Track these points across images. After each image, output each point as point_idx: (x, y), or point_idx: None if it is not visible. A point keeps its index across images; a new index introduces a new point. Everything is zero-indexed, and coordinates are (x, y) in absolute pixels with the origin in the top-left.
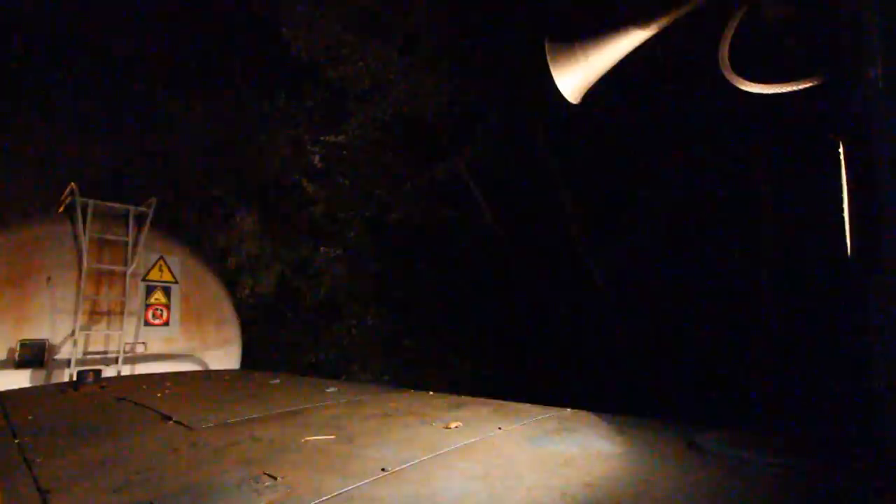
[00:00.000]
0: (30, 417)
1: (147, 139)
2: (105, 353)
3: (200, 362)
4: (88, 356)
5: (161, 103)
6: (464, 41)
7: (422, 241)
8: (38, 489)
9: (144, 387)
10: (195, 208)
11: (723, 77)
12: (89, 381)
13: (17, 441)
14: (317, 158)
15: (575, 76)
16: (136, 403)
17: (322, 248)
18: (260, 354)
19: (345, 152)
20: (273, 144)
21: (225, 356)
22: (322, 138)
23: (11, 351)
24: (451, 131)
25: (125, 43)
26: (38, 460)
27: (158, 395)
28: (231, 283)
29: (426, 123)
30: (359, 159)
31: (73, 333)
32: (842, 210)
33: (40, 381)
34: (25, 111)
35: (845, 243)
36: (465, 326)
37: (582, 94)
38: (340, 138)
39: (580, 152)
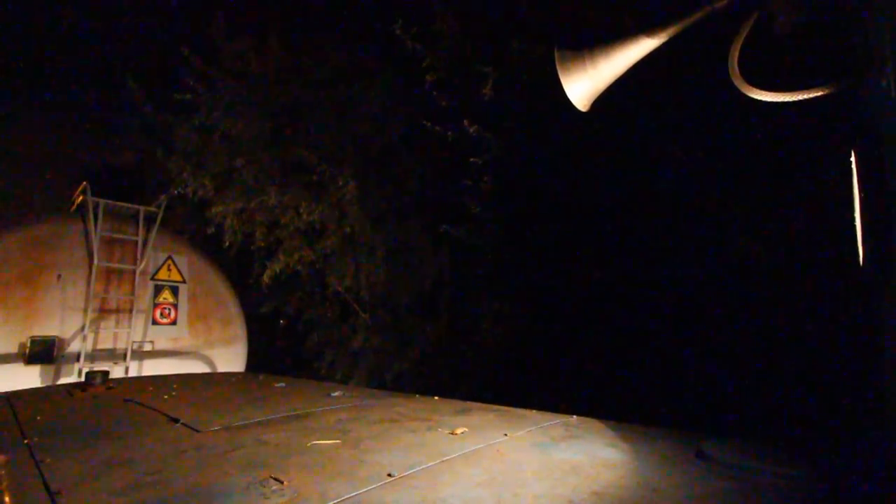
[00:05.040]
0: (38, 418)
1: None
2: (113, 350)
3: (207, 361)
4: (97, 353)
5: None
6: None
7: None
8: (48, 490)
9: (151, 388)
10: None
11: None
12: (97, 381)
13: (25, 441)
14: (489, 85)
15: (583, 84)
16: (142, 405)
17: (443, 227)
18: (324, 358)
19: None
20: (371, 90)
21: (231, 355)
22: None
23: (22, 346)
24: None
25: None
26: (46, 461)
27: (165, 396)
28: (314, 274)
29: None
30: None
31: (82, 330)
32: (853, 217)
33: (50, 377)
34: (36, 108)
35: (857, 250)
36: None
37: (591, 101)
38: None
39: None
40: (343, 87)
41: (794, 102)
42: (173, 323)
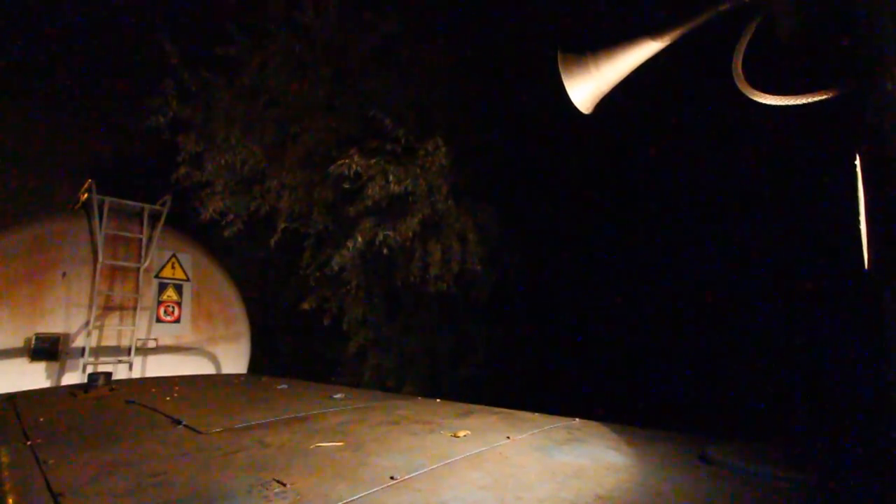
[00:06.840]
0: (41, 419)
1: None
2: (117, 347)
3: (210, 358)
4: (101, 350)
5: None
6: None
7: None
8: (51, 492)
9: (153, 390)
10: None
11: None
12: (99, 383)
13: (28, 443)
14: None
15: (587, 87)
16: (145, 406)
17: (531, 210)
18: (368, 361)
19: None
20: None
21: (234, 354)
22: None
23: (27, 342)
24: None
25: None
26: (49, 462)
27: (167, 398)
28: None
29: None
30: None
31: (86, 327)
32: (857, 220)
33: (54, 375)
34: (40, 104)
35: (861, 253)
36: None
37: (594, 104)
38: None
39: None
40: (408, 45)
41: (798, 106)
42: (177, 321)
